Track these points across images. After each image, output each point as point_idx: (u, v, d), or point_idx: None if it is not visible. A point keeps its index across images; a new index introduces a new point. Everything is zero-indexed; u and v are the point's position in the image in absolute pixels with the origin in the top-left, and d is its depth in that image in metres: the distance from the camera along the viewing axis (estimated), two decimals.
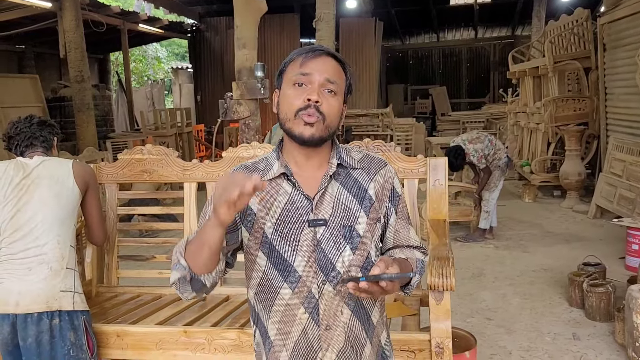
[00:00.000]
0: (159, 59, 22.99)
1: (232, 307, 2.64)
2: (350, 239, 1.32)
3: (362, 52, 14.02)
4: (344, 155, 1.38)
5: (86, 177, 2.38)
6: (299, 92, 1.30)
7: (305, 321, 1.31)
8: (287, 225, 1.31)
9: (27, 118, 2.41)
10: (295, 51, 1.36)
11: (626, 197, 5.94)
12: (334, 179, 1.35)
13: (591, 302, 3.78)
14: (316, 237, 1.31)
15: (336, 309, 1.32)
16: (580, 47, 8.36)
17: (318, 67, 1.30)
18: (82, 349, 2.21)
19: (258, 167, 1.38)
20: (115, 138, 9.79)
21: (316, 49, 1.33)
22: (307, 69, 1.30)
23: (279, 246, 1.31)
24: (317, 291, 1.30)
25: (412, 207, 2.61)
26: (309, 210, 1.31)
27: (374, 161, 1.42)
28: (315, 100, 1.28)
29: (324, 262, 1.31)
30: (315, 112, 1.28)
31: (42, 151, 2.36)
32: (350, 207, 1.34)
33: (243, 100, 4.87)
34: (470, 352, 2.79)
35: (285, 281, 1.31)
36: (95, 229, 2.51)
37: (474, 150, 5.63)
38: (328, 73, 1.31)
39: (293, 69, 1.33)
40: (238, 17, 4.98)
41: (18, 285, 2.16)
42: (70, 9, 8.02)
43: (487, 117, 13.57)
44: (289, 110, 1.31)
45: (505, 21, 18.15)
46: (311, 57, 1.31)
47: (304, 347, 1.32)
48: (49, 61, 12.65)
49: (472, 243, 5.87)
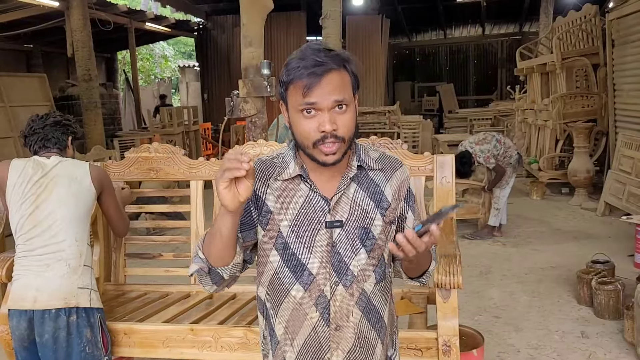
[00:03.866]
0: (166, 58, 23.05)
1: (238, 305, 2.64)
2: (366, 241, 1.32)
3: (369, 49, 13.99)
4: (362, 156, 1.37)
5: (101, 178, 2.41)
6: (310, 120, 1.24)
7: (316, 321, 1.31)
8: (304, 225, 1.30)
9: (42, 117, 2.43)
10: (292, 65, 1.25)
11: (635, 194, 5.89)
12: (352, 180, 1.34)
13: (600, 300, 3.75)
14: (332, 239, 1.30)
15: (347, 310, 1.32)
16: (589, 43, 8.30)
17: (322, 92, 1.22)
18: (97, 346, 2.24)
19: (274, 162, 1.37)
20: (123, 136, 9.82)
21: (315, 71, 1.22)
22: (312, 98, 1.22)
23: (294, 246, 1.30)
24: (330, 292, 1.31)
25: (419, 204, 2.60)
26: (326, 211, 1.31)
27: (390, 161, 1.41)
28: (330, 130, 1.23)
29: (338, 264, 1.31)
30: (333, 140, 1.24)
31: (56, 152, 2.39)
32: (367, 209, 1.33)
33: (250, 98, 4.87)
34: (478, 350, 2.78)
35: (297, 281, 1.31)
36: (115, 224, 2.57)
37: (480, 151, 5.60)
38: (334, 94, 1.23)
39: (296, 95, 1.25)
40: (244, 15, 4.98)
41: (36, 282, 2.18)
42: (78, 7, 8.05)
43: (494, 114, 13.49)
44: (305, 140, 1.26)
45: (513, 18, 18.03)
46: (312, 85, 1.22)
47: (312, 346, 1.32)
48: (57, 60, 12.71)
49: (480, 240, 5.84)
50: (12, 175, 2.29)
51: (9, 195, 2.28)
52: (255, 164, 1.36)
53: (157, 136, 9.23)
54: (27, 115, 2.55)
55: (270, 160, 1.38)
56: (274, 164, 1.36)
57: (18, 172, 2.28)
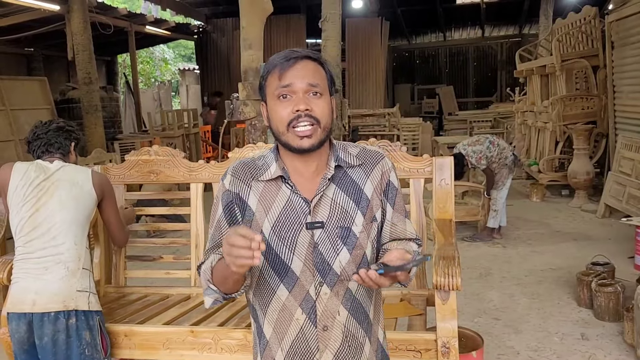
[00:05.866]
0: (166, 61, 23.06)
1: (238, 307, 2.65)
2: (347, 240, 1.33)
3: (369, 52, 13.99)
4: (341, 155, 1.38)
5: (103, 185, 2.43)
6: (285, 104, 1.30)
7: (303, 322, 1.33)
8: (285, 227, 1.32)
9: (46, 123, 2.46)
10: (270, 61, 1.35)
11: (635, 196, 5.89)
12: (331, 181, 1.36)
13: (600, 302, 3.75)
14: (313, 240, 1.32)
15: (333, 309, 1.33)
16: (588, 45, 8.31)
17: (297, 74, 1.30)
18: (97, 349, 2.24)
19: (256, 164, 1.39)
20: (123, 139, 9.83)
21: (290, 57, 1.32)
22: (286, 80, 1.30)
23: (277, 247, 1.32)
24: (315, 292, 1.32)
25: (418, 206, 2.61)
26: (307, 212, 1.32)
27: (370, 155, 1.42)
28: (304, 109, 1.28)
29: (321, 264, 1.32)
30: (308, 120, 1.28)
31: (59, 157, 2.41)
32: (346, 209, 1.35)
33: (249, 100, 4.89)
34: (477, 352, 2.78)
35: (282, 282, 1.32)
36: (116, 234, 2.58)
37: (473, 151, 5.63)
38: (308, 78, 1.30)
39: (273, 82, 1.32)
40: (244, 18, 5.00)
41: (34, 285, 2.19)
42: (78, 11, 8.06)
43: (494, 117, 13.50)
44: (280, 124, 1.31)
45: (513, 20, 18.05)
46: (287, 67, 1.30)
47: (301, 347, 1.33)
48: (57, 63, 12.71)
49: (480, 242, 5.85)
50: (15, 177, 2.30)
51: (10, 198, 2.29)
52: (237, 166, 1.39)
53: (157, 139, 9.25)
54: (27, 119, 2.57)
55: (252, 161, 1.40)
56: (255, 165, 1.38)
57: (20, 174, 2.30)
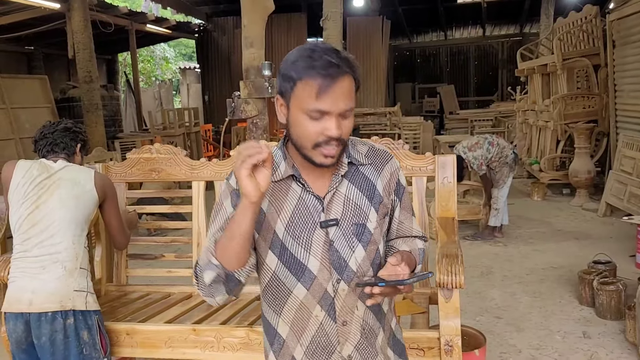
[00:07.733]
0: (166, 59, 23.06)
1: (240, 305, 2.65)
2: (362, 237, 1.32)
3: (370, 50, 13.99)
4: (352, 152, 1.36)
5: (105, 186, 2.42)
6: (316, 123, 1.22)
7: (322, 318, 1.32)
8: (299, 226, 1.30)
9: (54, 124, 2.46)
10: (304, 65, 1.21)
11: (636, 195, 5.88)
12: (344, 177, 1.34)
13: (601, 301, 3.75)
14: (329, 237, 1.30)
15: (352, 305, 1.33)
16: (589, 44, 8.30)
17: (336, 97, 1.19)
18: (96, 348, 2.23)
19: None
20: (124, 138, 9.84)
21: (329, 70, 1.19)
22: (324, 105, 1.19)
23: (291, 247, 1.30)
24: (333, 290, 1.31)
25: (421, 205, 2.60)
26: (320, 210, 1.30)
27: (380, 155, 1.41)
28: (337, 136, 1.22)
29: (337, 261, 1.31)
30: (336, 143, 1.23)
31: (64, 157, 2.41)
32: (360, 205, 1.33)
33: (251, 99, 4.87)
34: (480, 350, 2.78)
35: (299, 281, 1.31)
36: (116, 236, 2.56)
37: (474, 157, 5.62)
38: (345, 102, 1.21)
39: (306, 96, 1.20)
40: (245, 16, 4.99)
41: (31, 284, 2.18)
42: (79, 9, 8.06)
43: (495, 115, 13.50)
44: (306, 141, 1.24)
45: (513, 19, 18.05)
46: (327, 88, 1.18)
47: (321, 341, 1.33)
48: (58, 62, 12.71)
49: (481, 241, 5.84)
50: (17, 174, 2.30)
51: (11, 195, 2.29)
52: None
53: (158, 138, 9.25)
54: (28, 117, 2.57)
55: None
56: None
57: (23, 172, 2.30)
